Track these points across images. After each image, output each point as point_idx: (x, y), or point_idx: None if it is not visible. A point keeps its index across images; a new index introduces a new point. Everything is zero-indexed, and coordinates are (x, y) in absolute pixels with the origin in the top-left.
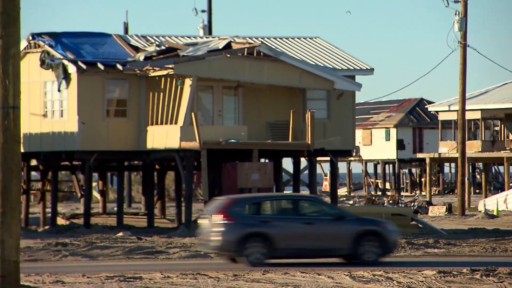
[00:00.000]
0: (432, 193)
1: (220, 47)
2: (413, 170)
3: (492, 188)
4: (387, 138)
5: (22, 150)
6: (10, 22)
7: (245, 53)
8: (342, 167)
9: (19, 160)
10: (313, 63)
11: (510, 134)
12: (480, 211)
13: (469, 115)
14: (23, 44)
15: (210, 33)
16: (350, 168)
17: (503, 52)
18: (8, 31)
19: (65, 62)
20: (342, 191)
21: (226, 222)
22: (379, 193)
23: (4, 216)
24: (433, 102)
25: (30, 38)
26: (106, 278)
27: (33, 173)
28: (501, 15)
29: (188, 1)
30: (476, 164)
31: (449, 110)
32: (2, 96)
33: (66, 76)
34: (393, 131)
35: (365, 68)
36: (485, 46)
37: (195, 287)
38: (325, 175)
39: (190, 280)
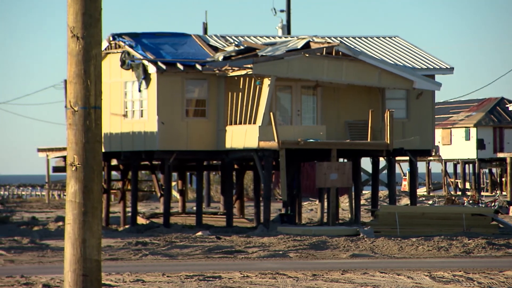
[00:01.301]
0: None
1: (299, 47)
2: (494, 170)
3: None
4: (467, 137)
5: (103, 150)
6: (92, 23)
7: (324, 53)
8: (421, 166)
9: (100, 160)
10: (392, 63)
11: None
12: None
13: None
14: (104, 44)
15: (288, 32)
16: (429, 167)
17: None
18: (89, 32)
19: (145, 62)
20: (421, 191)
21: None
22: (459, 193)
23: (85, 215)
24: None
25: (111, 38)
26: (186, 277)
27: (113, 172)
28: None
29: (267, 1)
30: None
31: None
32: (84, 96)
33: (146, 76)
34: (473, 131)
35: (444, 67)
36: None
37: (274, 286)
38: (404, 175)
39: (269, 279)
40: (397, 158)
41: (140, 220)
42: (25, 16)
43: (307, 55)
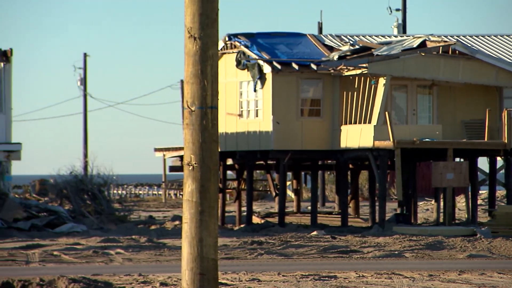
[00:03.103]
0: None
1: (415, 46)
2: None
3: None
4: None
5: (219, 150)
6: (209, 23)
7: (440, 52)
8: None
9: (216, 159)
10: (511, 61)
11: None
12: None
13: None
14: (220, 45)
15: (404, 31)
16: None
17: None
18: (206, 32)
19: (260, 62)
20: None
21: None
22: None
23: (202, 214)
24: None
25: (227, 39)
26: (301, 277)
27: (229, 172)
28: None
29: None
30: None
31: None
32: (201, 96)
33: (261, 76)
34: None
35: None
36: None
37: (390, 286)
38: None
39: (385, 279)
40: None
41: (256, 220)
42: (144, 17)
43: (423, 54)
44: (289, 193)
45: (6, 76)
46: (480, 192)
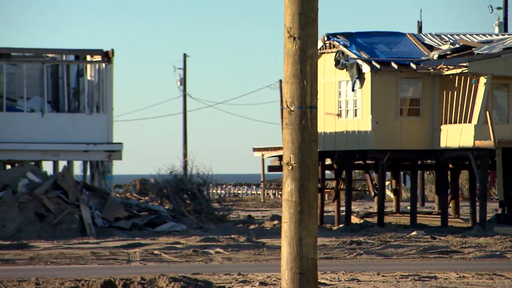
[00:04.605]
0: None
1: None
2: None
3: None
4: None
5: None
6: (308, 23)
7: None
8: None
9: (316, 159)
10: None
11: None
12: None
13: None
14: (319, 44)
15: (505, 30)
16: None
17: None
18: (306, 32)
19: (359, 61)
20: None
21: None
22: None
23: (301, 214)
24: None
25: (325, 38)
26: (401, 277)
27: (327, 172)
28: None
29: None
30: None
31: None
32: (300, 96)
33: (360, 76)
34: None
35: None
36: None
37: (491, 287)
38: None
39: (486, 280)
40: None
41: (354, 219)
42: (243, 16)
43: None
44: (388, 193)
45: (107, 77)
46: None
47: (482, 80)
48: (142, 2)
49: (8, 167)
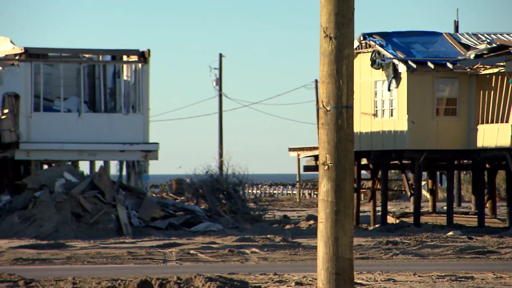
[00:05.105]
0: None
1: None
2: None
3: None
4: None
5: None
6: (345, 23)
7: None
8: None
9: (352, 159)
10: None
11: None
12: None
13: None
14: (355, 44)
15: None
16: None
17: None
18: (342, 32)
19: (395, 61)
20: None
21: None
22: None
23: (337, 214)
24: None
25: (361, 38)
26: (437, 277)
27: (363, 172)
28: None
29: None
30: None
31: None
32: (336, 96)
33: (396, 76)
34: None
35: None
36: None
37: None
38: None
39: None
40: None
41: (390, 219)
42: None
43: None
44: (424, 193)
45: (143, 77)
46: None
47: None
48: (179, 2)
49: (45, 167)
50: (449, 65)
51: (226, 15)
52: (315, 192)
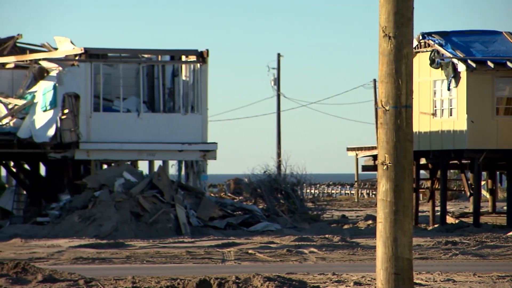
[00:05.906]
0: None
1: None
2: None
3: None
4: None
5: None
6: (404, 22)
7: None
8: None
9: (411, 158)
10: None
11: None
12: None
13: None
14: (414, 43)
15: None
16: None
17: None
18: (401, 31)
19: (455, 60)
20: None
21: None
22: None
23: (396, 214)
24: None
25: (420, 37)
26: (498, 278)
27: (422, 171)
28: None
29: None
30: None
31: None
32: (395, 95)
33: (455, 75)
34: None
35: None
36: None
37: None
38: None
39: None
40: None
41: (449, 219)
42: (336, 16)
43: None
44: (484, 193)
45: (202, 77)
46: None
47: None
48: (237, 3)
49: (105, 166)
50: (509, 64)
51: (285, 15)
52: (373, 192)
